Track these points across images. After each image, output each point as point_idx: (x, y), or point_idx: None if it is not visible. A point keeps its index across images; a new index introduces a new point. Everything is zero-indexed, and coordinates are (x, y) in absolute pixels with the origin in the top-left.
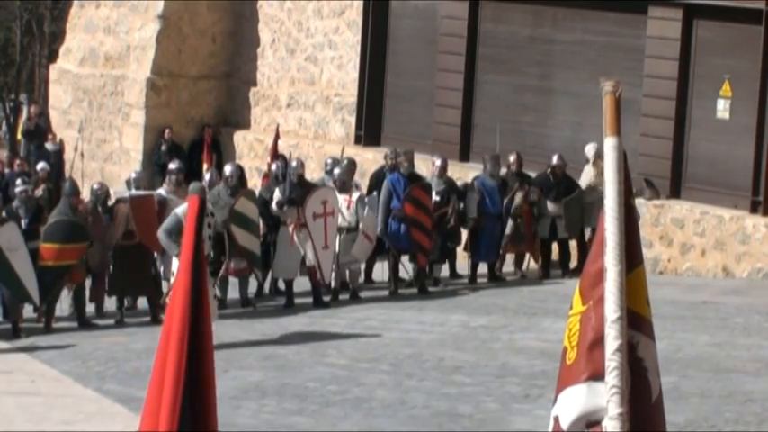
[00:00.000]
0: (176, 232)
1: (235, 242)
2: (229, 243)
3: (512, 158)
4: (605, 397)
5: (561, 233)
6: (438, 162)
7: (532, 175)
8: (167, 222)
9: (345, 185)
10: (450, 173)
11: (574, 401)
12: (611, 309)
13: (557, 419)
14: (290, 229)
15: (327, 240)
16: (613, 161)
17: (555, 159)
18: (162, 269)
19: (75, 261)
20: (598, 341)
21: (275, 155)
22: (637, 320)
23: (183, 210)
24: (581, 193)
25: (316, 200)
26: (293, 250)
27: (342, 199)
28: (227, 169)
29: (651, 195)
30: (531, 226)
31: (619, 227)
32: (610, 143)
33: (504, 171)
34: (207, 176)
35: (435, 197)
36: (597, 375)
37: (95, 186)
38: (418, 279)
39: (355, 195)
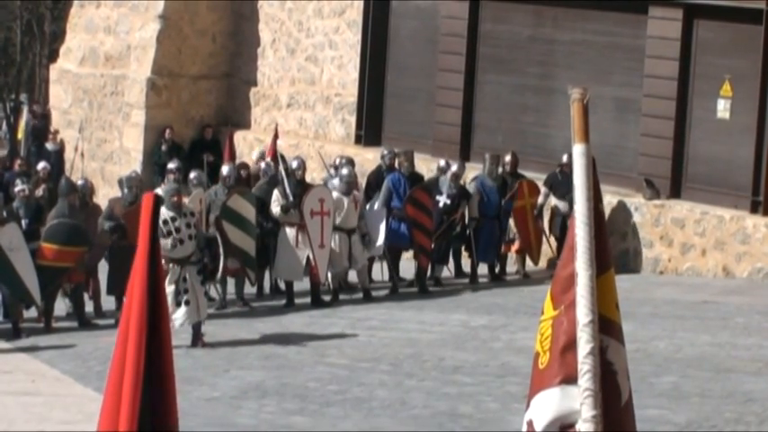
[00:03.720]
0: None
1: (227, 240)
2: (222, 241)
3: (507, 158)
4: (579, 400)
5: None
6: (454, 168)
7: (527, 174)
8: None
9: (352, 186)
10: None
11: (547, 405)
12: (583, 312)
13: (530, 423)
14: (295, 230)
15: (323, 239)
16: (582, 167)
17: (565, 158)
18: None
19: (72, 264)
20: (570, 345)
21: (274, 155)
22: (606, 324)
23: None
24: None
25: (313, 197)
26: (297, 252)
27: (348, 199)
28: (225, 169)
29: (651, 195)
30: (525, 225)
31: (588, 232)
32: (578, 150)
33: (500, 171)
34: (225, 171)
35: (446, 200)
36: (570, 379)
37: (80, 182)
38: (419, 279)
39: (359, 195)
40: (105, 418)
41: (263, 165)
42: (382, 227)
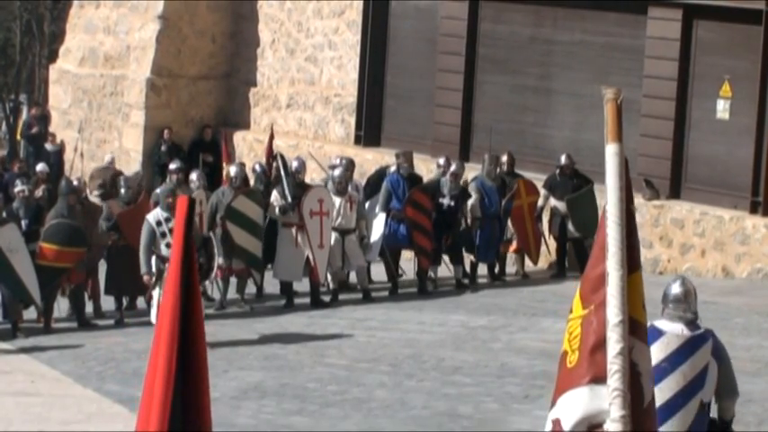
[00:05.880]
0: (152, 241)
1: (231, 240)
2: (227, 241)
3: (504, 158)
4: (607, 400)
5: (573, 232)
6: (453, 168)
7: (526, 174)
8: (144, 238)
9: (344, 187)
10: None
11: (576, 404)
12: (613, 313)
13: (557, 422)
14: (294, 230)
15: (323, 240)
16: (615, 167)
17: (563, 159)
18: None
19: (71, 265)
20: (600, 345)
21: (270, 155)
22: (632, 325)
23: (153, 215)
24: (590, 190)
25: (312, 197)
26: (296, 252)
27: (342, 200)
28: (232, 170)
29: (651, 196)
30: (522, 224)
31: (620, 232)
32: (611, 149)
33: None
34: (232, 172)
35: (450, 201)
36: (599, 378)
37: (75, 183)
38: (420, 280)
39: (356, 196)
40: (141, 418)
41: (257, 167)
42: (378, 230)
